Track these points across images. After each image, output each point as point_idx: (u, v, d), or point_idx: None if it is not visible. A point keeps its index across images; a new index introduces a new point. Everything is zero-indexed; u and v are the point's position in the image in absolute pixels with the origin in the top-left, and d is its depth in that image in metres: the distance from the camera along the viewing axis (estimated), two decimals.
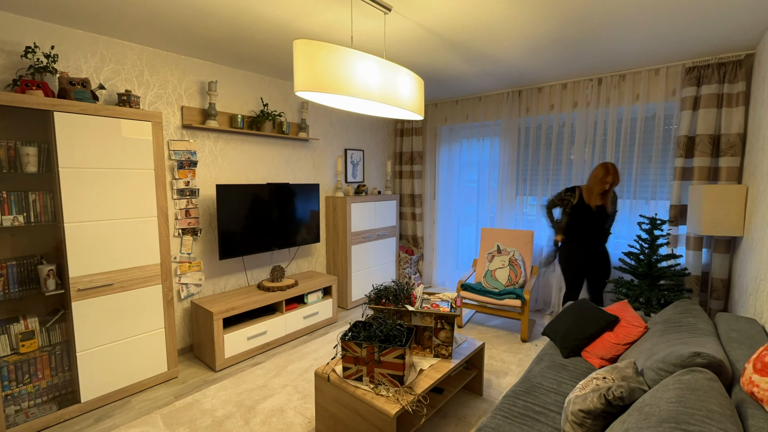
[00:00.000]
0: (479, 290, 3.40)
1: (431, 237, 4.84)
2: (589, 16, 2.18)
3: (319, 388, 2.00)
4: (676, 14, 2.15)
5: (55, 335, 2.22)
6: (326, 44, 1.55)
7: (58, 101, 2.04)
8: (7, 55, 2.14)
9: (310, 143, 3.86)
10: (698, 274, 2.92)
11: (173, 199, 2.86)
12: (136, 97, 2.42)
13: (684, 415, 1.03)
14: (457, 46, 2.66)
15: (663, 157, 3.12)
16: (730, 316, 1.83)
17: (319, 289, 3.49)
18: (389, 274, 4.52)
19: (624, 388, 1.33)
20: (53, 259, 2.26)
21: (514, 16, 2.17)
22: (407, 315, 2.20)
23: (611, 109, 3.32)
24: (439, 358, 2.16)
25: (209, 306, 2.78)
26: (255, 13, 2.14)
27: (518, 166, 3.95)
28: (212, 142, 3.07)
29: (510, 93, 3.92)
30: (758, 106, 2.44)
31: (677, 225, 2.99)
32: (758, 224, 2.19)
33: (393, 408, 1.70)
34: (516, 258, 3.60)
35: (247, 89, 3.29)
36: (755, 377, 1.18)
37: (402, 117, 2.16)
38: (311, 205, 3.68)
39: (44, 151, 2.11)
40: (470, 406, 2.31)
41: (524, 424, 1.55)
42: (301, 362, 2.84)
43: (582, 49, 2.71)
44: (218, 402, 2.34)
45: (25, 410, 2.13)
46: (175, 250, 2.89)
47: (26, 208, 2.05)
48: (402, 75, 1.80)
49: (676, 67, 2.99)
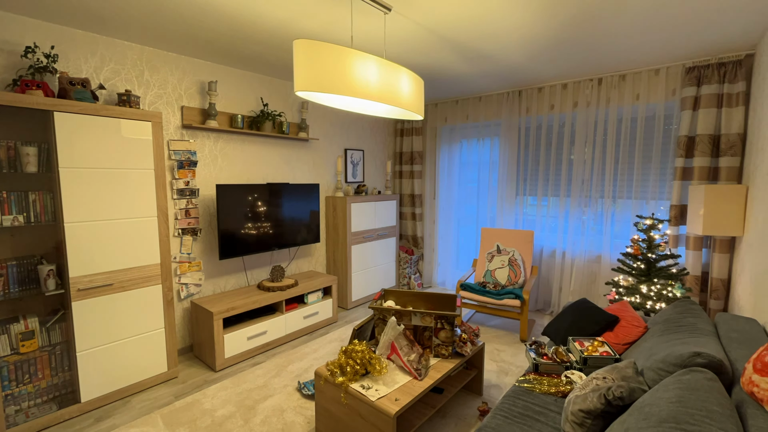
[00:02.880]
0: (479, 290, 3.40)
1: (431, 237, 4.84)
2: (589, 16, 2.18)
3: (319, 388, 2.00)
4: (676, 14, 2.15)
5: (55, 335, 2.22)
6: (326, 44, 1.55)
7: (58, 101, 2.04)
8: (7, 55, 2.14)
9: (310, 143, 3.86)
10: (698, 274, 2.92)
11: (173, 199, 2.86)
12: (136, 97, 2.42)
13: (684, 415, 1.03)
14: (457, 46, 2.66)
15: (663, 157, 3.12)
16: (730, 316, 1.83)
17: (319, 289, 3.49)
18: (389, 274, 4.52)
19: (624, 388, 1.33)
20: (53, 259, 2.26)
21: (514, 15, 2.17)
22: (407, 315, 2.20)
23: (611, 109, 3.32)
24: (439, 358, 2.16)
25: (209, 306, 2.78)
26: (255, 13, 2.14)
27: (518, 166, 3.95)
28: (212, 142, 3.07)
29: (510, 93, 3.91)
30: (758, 106, 2.43)
31: (677, 225, 2.99)
32: (758, 224, 2.19)
33: (393, 408, 1.70)
34: (516, 258, 3.60)
35: (247, 89, 3.29)
36: (755, 377, 1.18)
37: (402, 117, 2.16)
38: (311, 205, 3.67)
39: (44, 151, 2.11)
40: (470, 406, 2.31)
41: (524, 424, 1.55)
42: (301, 362, 2.84)
43: (582, 49, 2.71)
44: (218, 402, 2.34)
45: (25, 410, 2.13)
46: (175, 250, 2.89)
47: (26, 208, 2.05)
48: (402, 75, 1.80)
49: (676, 67, 2.99)
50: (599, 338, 2.08)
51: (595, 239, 3.52)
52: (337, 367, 1.93)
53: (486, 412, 2.20)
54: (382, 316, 2.23)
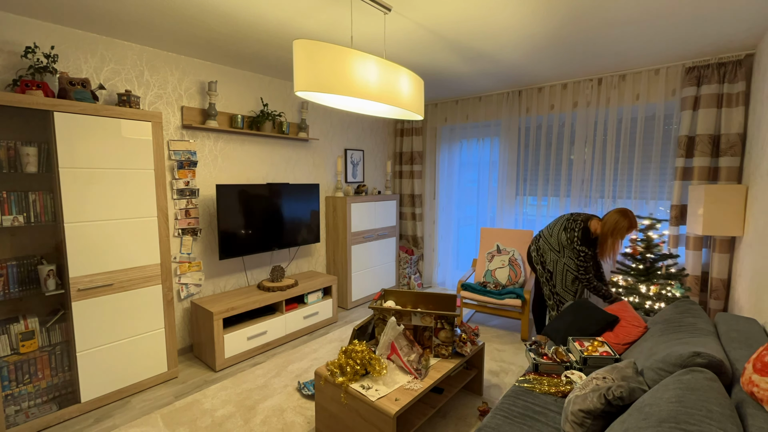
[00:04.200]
0: (480, 290, 3.40)
1: (431, 237, 4.84)
2: (589, 16, 2.18)
3: (319, 388, 2.00)
4: (676, 14, 2.15)
5: (55, 335, 2.22)
6: (326, 44, 1.55)
7: (58, 101, 2.04)
8: (7, 55, 2.14)
9: (310, 143, 3.86)
10: (698, 274, 2.92)
11: (173, 199, 2.86)
12: (136, 97, 2.42)
13: (684, 415, 1.03)
14: (457, 46, 2.66)
15: (663, 157, 3.12)
16: (730, 316, 1.83)
17: (319, 289, 3.49)
18: (389, 274, 4.52)
19: (624, 388, 1.33)
20: (53, 259, 2.26)
21: (514, 15, 2.17)
22: (407, 315, 2.20)
23: (611, 109, 3.32)
24: (439, 358, 2.16)
25: (209, 306, 2.78)
26: (255, 13, 2.14)
27: (518, 166, 3.95)
28: (212, 142, 3.07)
29: (510, 93, 3.91)
30: (758, 106, 2.43)
31: (677, 225, 2.99)
32: (758, 224, 2.19)
33: (393, 408, 1.70)
34: (516, 258, 3.60)
35: (247, 89, 3.29)
36: (755, 377, 1.18)
37: (402, 117, 2.16)
38: (311, 205, 3.67)
39: (44, 151, 2.11)
40: (470, 406, 2.31)
41: (524, 424, 1.55)
42: (301, 362, 2.84)
43: (582, 49, 2.71)
44: (218, 402, 2.34)
45: (25, 410, 2.13)
46: (175, 250, 2.89)
47: (26, 208, 2.05)
48: (402, 75, 1.80)
49: (676, 67, 2.99)
50: (599, 338, 2.08)
51: None
52: (337, 367, 1.93)
53: (486, 412, 2.20)
54: (382, 316, 2.23)
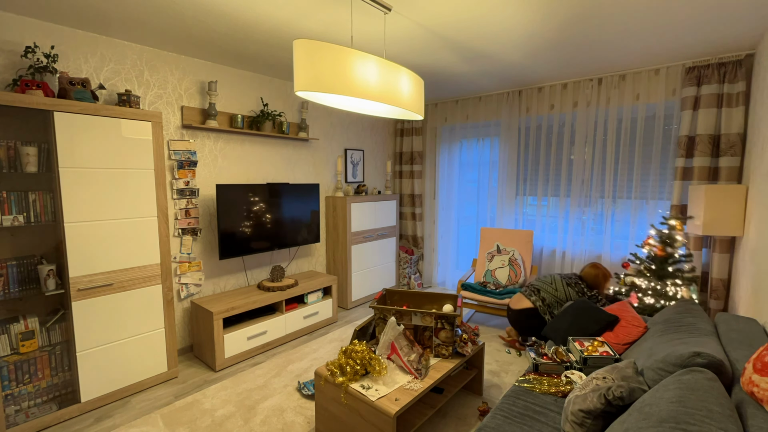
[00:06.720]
0: (480, 290, 3.40)
1: (431, 237, 4.84)
2: (589, 16, 2.18)
3: (319, 388, 2.00)
4: (676, 14, 2.15)
5: (55, 335, 2.22)
6: (326, 44, 1.55)
7: (58, 101, 2.04)
8: (7, 55, 2.14)
9: (310, 143, 3.86)
10: (698, 274, 2.92)
11: (173, 199, 2.86)
12: (136, 97, 2.42)
13: (684, 415, 1.03)
14: (457, 46, 2.66)
15: (663, 157, 3.12)
16: (730, 316, 1.83)
17: (319, 289, 3.49)
18: (389, 274, 4.52)
19: (624, 388, 1.33)
20: (53, 259, 2.26)
21: (514, 15, 2.17)
22: (408, 315, 2.20)
23: (611, 109, 3.31)
24: (439, 358, 2.16)
25: (209, 306, 2.78)
26: (255, 12, 2.14)
27: (518, 166, 3.95)
28: (212, 142, 3.07)
29: (510, 93, 3.91)
30: (758, 106, 2.43)
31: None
32: (758, 224, 2.19)
33: (393, 408, 1.70)
34: (515, 258, 3.60)
35: (247, 89, 3.29)
36: (755, 377, 1.18)
37: (402, 117, 2.16)
38: (311, 205, 3.67)
39: (44, 151, 2.11)
40: (470, 406, 2.31)
41: (524, 424, 1.55)
42: (301, 362, 2.84)
43: (582, 49, 2.71)
44: (218, 402, 2.34)
45: (25, 410, 2.13)
46: (175, 250, 2.89)
47: (26, 208, 2.05)
48: (402, 75, 1.80)
49: (676, 67, 2.99)
50: (599, 338, 2.08)
51: (595, 239, 3.52)
52: (337, 367, 1.93)
53: (486, 412, 2.20)
54: (383, 315, 2.23)
